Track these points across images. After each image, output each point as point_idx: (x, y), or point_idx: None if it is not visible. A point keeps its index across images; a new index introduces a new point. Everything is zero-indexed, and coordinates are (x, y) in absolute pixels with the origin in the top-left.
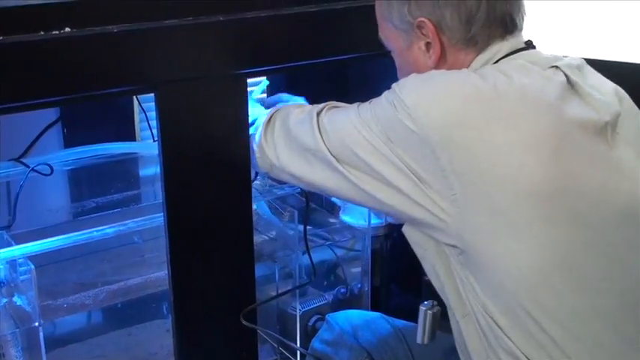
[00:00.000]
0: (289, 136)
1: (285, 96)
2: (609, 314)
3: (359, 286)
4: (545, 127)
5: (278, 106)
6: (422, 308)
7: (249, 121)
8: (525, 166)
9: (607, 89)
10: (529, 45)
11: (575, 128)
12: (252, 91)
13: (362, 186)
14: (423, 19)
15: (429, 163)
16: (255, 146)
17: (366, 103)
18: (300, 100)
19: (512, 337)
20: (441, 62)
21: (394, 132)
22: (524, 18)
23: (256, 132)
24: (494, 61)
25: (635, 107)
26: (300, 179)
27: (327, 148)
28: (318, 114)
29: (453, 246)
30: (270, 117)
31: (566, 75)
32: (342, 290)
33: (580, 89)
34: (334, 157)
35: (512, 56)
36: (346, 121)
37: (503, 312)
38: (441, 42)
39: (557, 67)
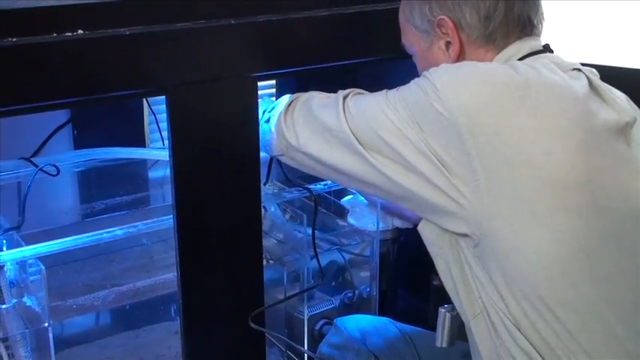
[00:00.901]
0: (311, 115)
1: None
2: (623, 307)
3: (367, 290)
4: (572, 120)
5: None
6: (441, 310)
7: (260, 111)
8: (551, 155)
9: (621, 96)
10: (547, 49)
11: (599, 124)
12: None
13: (383, 170)
14: (443, 16)
15: (454, 147)
16: (272, 127)
17: (394, 90)
18: None
19: (526, 329)
20: (460, 60)
21: (423, 116)
22: (543, 22)
23: (273, 115)
24: (518, 58)
25: None
26: (318, 160)
27: (351, 130)
28: (345, 97)
29: (469, 236)
30: (292, 101)
31: (588, 77)
32: (349, 295)
33: (602, 91)
34: (357, 139)
35: (534, 56)
36: (373, 105)
37: (518, 301)
38: (460, 39)
39: (579, 69)
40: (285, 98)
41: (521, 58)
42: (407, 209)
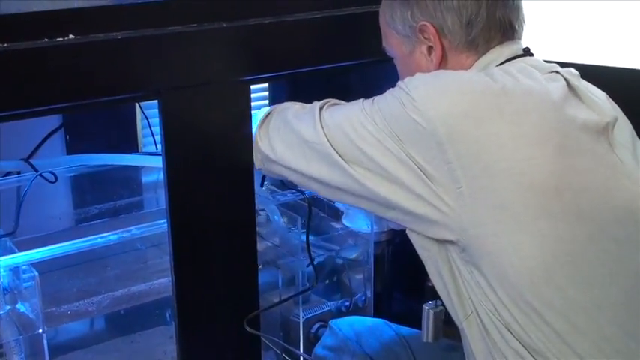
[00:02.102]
0: (286, 127)
1: None
2: (613, 309)
3: (363, 298)
4: (550, 124)
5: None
6: (425, 307)
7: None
8: (531, 161)
9: (601, 95)
10: (527, 52)
11: (577, 127)
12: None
13: (363, 181)
14: (425, 22)
15: (434, 156)
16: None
17: (369, 100)
18: None
19: (516, 331)
20: (442, 66)
21: (401, 127)
22: (523, 26)
23: (252, 128)
24: (495, 65)
25: (623, 114)
26: (296, 171)
27: (329, 141)
28: (320, 108)
29: (455, 242)
30: (268, 113)
31: (566, 79)
32: (346, 303)
33: (580, 92)
34: (335, 150)
35: (513, 60)
36: (350, 116)
37: (506, 305)
38: (442, 45)
39: (557, 72)
40: (264, 110)
41: (501, 63)
42: (390, 220)
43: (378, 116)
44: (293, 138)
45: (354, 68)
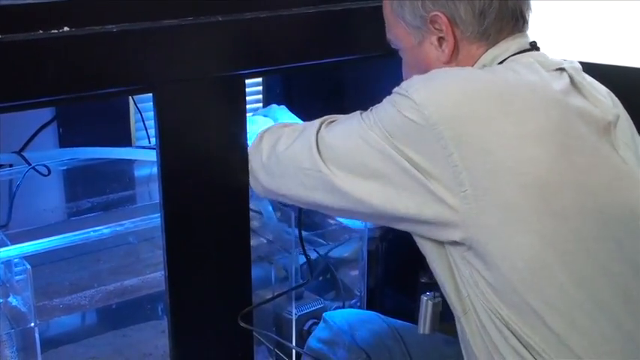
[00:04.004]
0: (281, 159)
1: (278, 110)
2: (612, 309)
3: (357, 304)
4: (554, 122)
5: (268, 125)
6: (423, 298)
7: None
8: (534, 160)
9: (603, 92)
10: (533, 46)
11: (581, 125)
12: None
13: (369, 201)
14: (436, 12)
15: (439, 159)
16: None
17: (368, 111)
18: (292, 117)
19: (516, 331)
20: (453, 57)
21: (400, 131)
22: (531, 15)
23: (249, 153)
24: (504, 58)
25: (625, 111)
26: (299, 200)
27: (326, 165)
28: (318, 131)
29: (460, 243)
30: (260, 139)
31: (570, 76)
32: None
33: (584, 90)
34: (335, 172)
35: (520, 55)
36: (350, 132)
37: (508, 306)
38: (454, 35)
39: (563, 69)
40: (256, 121)
41: (509, 55)
42: (399, 228)
43: (377, 127)
44: (288, 167)
45: (349, 63)
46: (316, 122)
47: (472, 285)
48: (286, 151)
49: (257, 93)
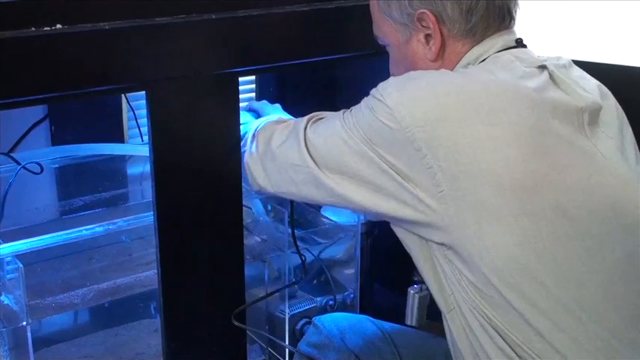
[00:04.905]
0: (274, 155)
1: (269, 106)
2: (593, 306)
3: (351, 296)
4: (527, 122)
5: (261, 121)
6: (410, 291)
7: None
8: (509, 160)
9: (590, 85)
10: (519, 43)
11: (555, 120)
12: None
13: (350, 196)
14: (424, 10)
15: (414, 161)
16: (244, 164)
17: (348, 112)
18: (282, 113)
19: (500, 330)
20: (440, 54)
21: (379, 137)
22: (518, 12)
23: (243, 150)
24: (488, 55)
25: (619, 106)
26: (289, 194)
27: (314, 161)
28: (305, 128)
29: (441, 243)
30: (254, 136)
31: (550, 73)
32: (331, 302)
33: (563, 84)
34: (322, 169)
35: (503, 52)
36: (333, 132)
37: (491, 305)
38: (441, 33)
39: (544, 66)
40: (250, 130)
41: (493, 53)
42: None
43: (356, 129)
44: (281, 163)
45: (342, 61)
46: (304, 119)
47: (455, 283)
48: (279, 148)
49: (250, 91)
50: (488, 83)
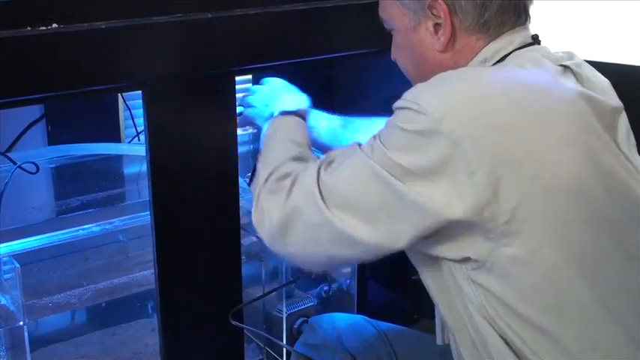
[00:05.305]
0: (288, 217)
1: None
2: (622, 317)
3: (347, 282)
4: (573, 123)
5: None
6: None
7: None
8: (559, 165)
9: (605, 84)
10: (535, 40)
11: (596, 123)
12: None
13: (391, 244)
14: None
15: (462, 174)
16: (253, 219)
17: (371, 142)
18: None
19: (521, 350)
20: (449, 46)
21: (419, 157)
22: (531, 8)
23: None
24: (507, 52)
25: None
26: (315, 255)
27: (333, 214)
28: (318, 178)
29: (467, 260)
30: (260, 198)
31: (574, 72)
32: (325, 288)
33: (586, 81)
34: (342, 219)
35: (525, 49)
36: (359, 171)
37: (517, 326)
38: (452, 24)
39: (565, 65)
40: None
41: (510, 52)
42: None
43: (387, 157)
44: (298, 225)
45: (339, 60)
46: (314, 167)
47: (473, 302)
48: (295, 210)
49: (246, 91)
50: (532, 82)
